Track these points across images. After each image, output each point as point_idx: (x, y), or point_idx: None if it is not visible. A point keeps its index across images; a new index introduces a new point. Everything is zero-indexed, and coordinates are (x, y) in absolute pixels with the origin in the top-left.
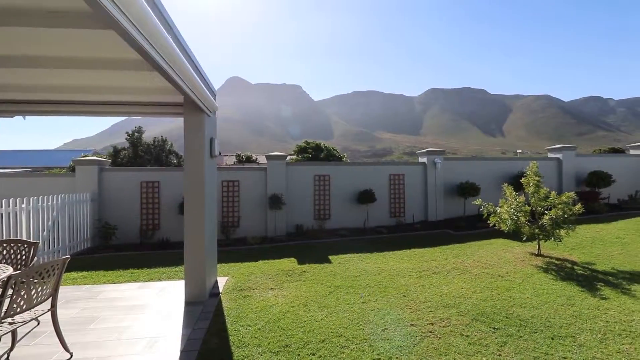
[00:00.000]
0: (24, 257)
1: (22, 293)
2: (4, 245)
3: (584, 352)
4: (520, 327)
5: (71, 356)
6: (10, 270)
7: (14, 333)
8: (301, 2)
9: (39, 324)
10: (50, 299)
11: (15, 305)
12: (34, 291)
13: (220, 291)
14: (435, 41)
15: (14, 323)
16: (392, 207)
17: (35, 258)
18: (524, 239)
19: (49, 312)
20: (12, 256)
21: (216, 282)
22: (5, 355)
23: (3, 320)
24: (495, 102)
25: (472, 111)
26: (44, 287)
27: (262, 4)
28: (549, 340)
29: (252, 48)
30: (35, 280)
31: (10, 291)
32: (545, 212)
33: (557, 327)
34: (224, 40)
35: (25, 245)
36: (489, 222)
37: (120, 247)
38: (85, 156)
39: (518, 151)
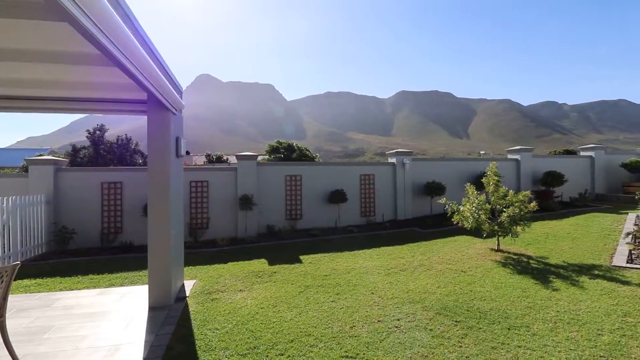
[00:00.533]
0: None
1: None
2: None
3: (536, 341)
4: (480, 319)
5: None
6: None
7: None
8: (273, 1)
9: None
10: None
11: None
12: None
13: (187, 295)
14: (405, 44)
15: None
16: (363, 206)
17: None
18: (484, 235)
19: None
20: None
21: (183, 285)
22: None
23: None
24: (461, 105)
25: (440, 113)
26: None
27: (232, 1)
28: (506, 330)
29: (224, 46)
30: None
31: None
32: (504, 210)
33: (513, 318)
34: (193, 36)
35: None
36: (453, 220)
37: (79, 252)
38: (40, 155)
39: (481, 152)
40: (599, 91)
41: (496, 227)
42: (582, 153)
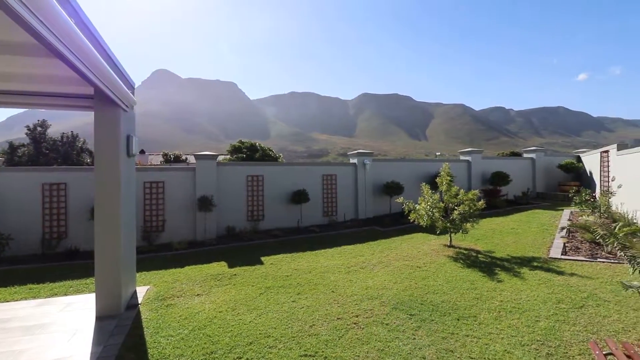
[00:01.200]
0: None
1: None
2: None
3: (482, 329)
4: (433, 312)
5: None
6: None
7: None
8: None
9: None
10: None
11: None
12: None
13: (140, 302)
14: (369, 47)
15: None
16: (325, 206)
17: None
18: (438, 232)
19: None
20: None
21: (135, 292)
22: None
23: None
24: (419, 108)
25: (400, 116)
26: None
27: None
28: (455, 321)
29: (183, 41)
30: None
31: None
32: (455, 208)
33: (462, 309)
34: (147, 29)
35: None
36: (409, 218)
37: (16, 259)
38: None
39: (437, 153)
40: (541, 98)
41: (448, 224)
42: (525, 155)
